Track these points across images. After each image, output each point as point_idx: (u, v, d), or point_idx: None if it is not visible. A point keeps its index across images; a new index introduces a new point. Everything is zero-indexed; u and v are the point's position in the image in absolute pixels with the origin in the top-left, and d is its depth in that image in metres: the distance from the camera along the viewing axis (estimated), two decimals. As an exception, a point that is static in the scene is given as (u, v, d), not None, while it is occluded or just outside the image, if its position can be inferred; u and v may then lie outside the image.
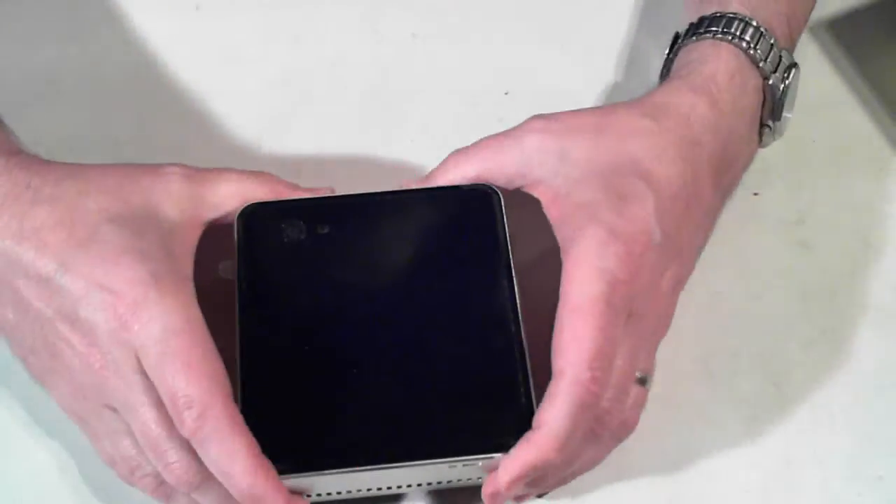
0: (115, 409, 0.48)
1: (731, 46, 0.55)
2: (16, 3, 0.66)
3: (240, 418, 0.46)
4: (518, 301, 0.50)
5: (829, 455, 0.55)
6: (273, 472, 0.46)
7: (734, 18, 0.56)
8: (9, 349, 0.51)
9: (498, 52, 0.65)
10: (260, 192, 0.53)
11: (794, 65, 0.57)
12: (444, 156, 0.54)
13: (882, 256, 0.60)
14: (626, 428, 0.51)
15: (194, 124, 0.63)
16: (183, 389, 0.45)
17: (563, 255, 0.49)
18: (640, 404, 0.51)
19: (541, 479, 0.49)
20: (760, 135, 0.57)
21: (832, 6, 0.67)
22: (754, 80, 0.56)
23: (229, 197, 0.52)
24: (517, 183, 0.53)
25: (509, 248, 0.52)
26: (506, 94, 0.64)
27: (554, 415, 0.46)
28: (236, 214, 0.52)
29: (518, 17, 0.67)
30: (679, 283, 0.52)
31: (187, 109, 0.64)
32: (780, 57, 0.56)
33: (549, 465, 0.47)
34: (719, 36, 0.56)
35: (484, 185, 0.53)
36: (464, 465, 0.48)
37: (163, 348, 0.46)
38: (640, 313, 0.49)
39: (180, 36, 0.65)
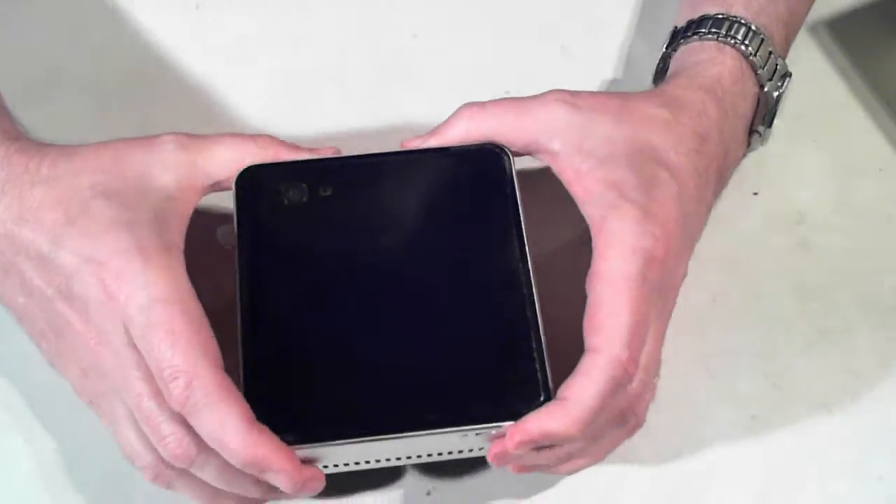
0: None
1: (735, 51, 0.56)
2: (16, 2, 0.66)
3: (229, 385, 0.45)
4: (531, 266, 0.49)
5: (829, 455, 0.55)
6: (271, 435, 0.45)
7: (737, 22, 0.56)
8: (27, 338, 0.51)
9: (498, 52, 0.65)
10: (259, 157, 0.51)
11: (788, 73, 0.57)
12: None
13: (882, 256, 0.60)
14: (639, 425, 0.51)
15: (194, 123, 0.62)
16: (168, 360, 0.45)
17: (594, 232, 0.49)
18: (651, 399, 0.51)
19: (549, 450, 0.48)
20: (749, 141, 0.58)
21: (832, 6, 0.67)
22: (753, 87, 0.56)
23: (226, 163, 0.51)
24: (532, 149, 0.52)
25: (520, 210, 0.51)
26: (506, 93, 0.64)
27: (586, 391, 0.46)
28: (234, 178, 0.51)
29: (518, 16, 0.67)
30: (685, 275, 0.52)
31: (187, 108, 0.64)
32: (777, 65, 0.56)
33: (567, 438, 0.46)
34: (723, 39, 0.56)
35: (493, 144, 0.52)
36: (476, 435, 0.47)
37: (147, 318, 0.45)
38: (666, 298, 0.49)
39: (180, 34, 0.65)
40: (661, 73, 0.59)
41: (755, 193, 0.61)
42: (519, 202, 0.51)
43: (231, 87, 0.64)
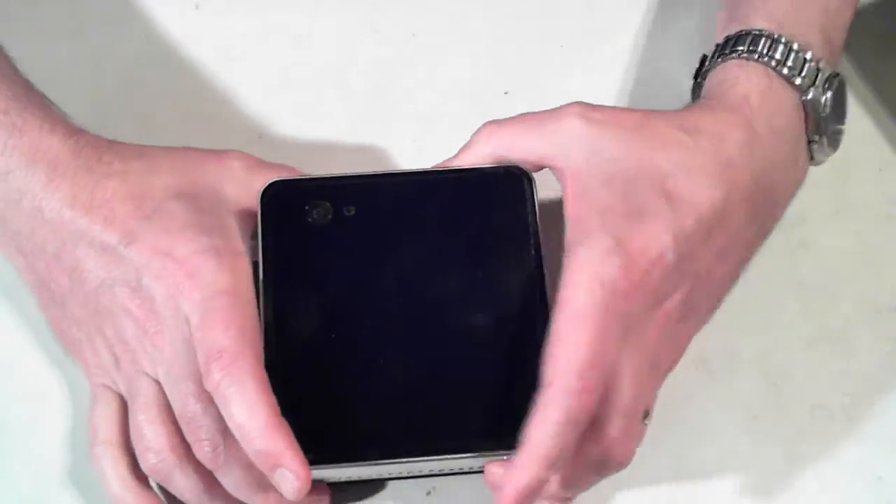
0: (154, 379, 0.49)
1: (759, 65, 0.53)
2: (16, 3, 0.66)
3: (265, 377, 0.46)
4: (547, 294, 0.50)
5: (829, 455, 0.55)
6: (290, 433, 0.46)
7: (760, 35, 0.54)
8: (46, 318, 0.53)
9: (498, 52, 0.65)
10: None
11: (835, 75, 0.54)
12: (445, 156, 0.54)
13: (882, 256, 0.60)
14: (623, 466, 0.49)
15: (194, 124, 0.63)
16: (218, 342, 0.46)
17: (564, 258, 0.48)
18: (637, 443, 0.49)
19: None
20: (811, 152, 0.55)
21: (832, 6, 0.67)
22: (791, 99, 0.53)
23: None
24: (547, 164, 0.51)
25: (539, 237, 0.51)
26: (506, 93, 0.64)
27: (540, 430, 0.45)
28: (259, 191, 0.51)
29: (518, 16, 0.67)
30: (692, 311, 0.51)
31: (187, 109, 0.64)
32: (819, 69, 0.53)
33: (540, 483, 0.45)
34: (745, 55, 0.53)
35: (516, 167, 0.52)
36: (474, 459, 0.48)
37: (208, 306, 0.47)
38: (640, 334, 0.48)
39: (180, 35, 0.65)
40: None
41: (755, 193, 0.61)
42: (538, 230, 0.51)
43: (231, 86, 0.64)
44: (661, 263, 0.48)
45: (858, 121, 0.64)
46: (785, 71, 0.53)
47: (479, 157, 0.52)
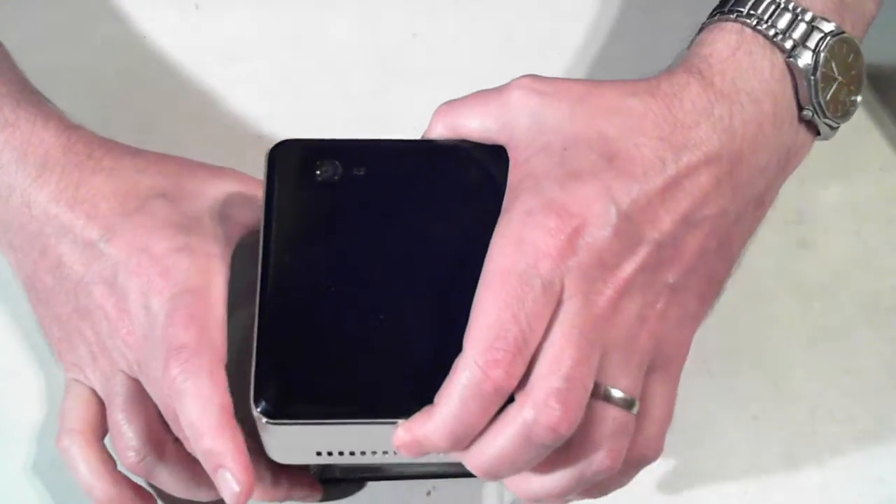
0: (130, 377, 0.49)
1: (734, 24, 0.50)
2: (16, 3, 0.66)
3: (223, 378, 0.46)
4: None
5: (829, 455, 0.55)
6: (238, 437, 0.46)
7: None
8: (34, 314, 0.53)
9: (498, 53, 0.65)
10: None
11: (835, 34, 0.49)
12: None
13: (882, 256, 0.60)
14: (600, 462, 0.45)
15: (194, 123, 0.63)
16: (178, 338, 0.46)
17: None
18: (622, 433, 0.45)
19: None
20: (811, 122, 0.51)
21: (832, 6, 0.66)
22: (770, 59, 0.49)
23: None
24: (500, 140, 0.49)
25: None
26: (506, 93, 0.64)
27: (446, 395, 0.43)
28: (267, 150, 0.50)
29: (518, 17, 0.67)
30: (662, 285, 0.47)
31: (187, 109, 0.64)
32: (814, 28, 0.49)
33: (436, 448, 0.44)
34: (724, 15, 0.50)
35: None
36: None
37: (174, 304, 0.47)
38: (584, 300, 0.44)
39: (180, 35, 0.65)
40: None
41: (755, 193, 0.61)
42: None
43: (231, 86, 0.64)
44: (599, 223, 0.45)
45: (858, 121, 0.64)
46: (763, 28, 0.49)
47: (435, 137, 0.50)
